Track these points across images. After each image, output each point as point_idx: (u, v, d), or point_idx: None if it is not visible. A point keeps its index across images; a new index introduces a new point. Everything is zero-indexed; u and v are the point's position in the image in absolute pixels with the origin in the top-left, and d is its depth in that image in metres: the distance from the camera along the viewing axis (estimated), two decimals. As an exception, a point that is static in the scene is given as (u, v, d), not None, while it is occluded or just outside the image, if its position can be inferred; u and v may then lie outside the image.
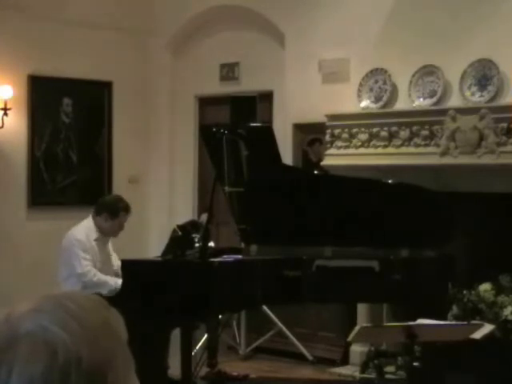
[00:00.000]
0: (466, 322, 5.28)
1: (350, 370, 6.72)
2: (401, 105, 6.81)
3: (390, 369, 6.23)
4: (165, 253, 5.76)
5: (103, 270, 5.96)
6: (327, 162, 7.04)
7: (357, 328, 4.43)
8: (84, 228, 5.99)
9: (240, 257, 5.75)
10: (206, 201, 7.21)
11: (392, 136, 6.66)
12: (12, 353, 0.94)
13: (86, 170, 8.49)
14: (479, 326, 4.72)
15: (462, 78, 6.36)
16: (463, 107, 6.30)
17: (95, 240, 5.97)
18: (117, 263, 5.98)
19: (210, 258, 5.50)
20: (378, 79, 6.91)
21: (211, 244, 5.82)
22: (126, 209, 6.05)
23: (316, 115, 7.17)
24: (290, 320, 7.13)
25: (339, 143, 6.98)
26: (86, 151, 8.50)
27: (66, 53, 8.21)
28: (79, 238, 5.88)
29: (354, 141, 6.88)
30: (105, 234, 6.03)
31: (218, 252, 5.75)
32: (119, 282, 5.80)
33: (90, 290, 5.62)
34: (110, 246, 6.19)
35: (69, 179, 8.39)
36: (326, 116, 7.06)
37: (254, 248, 5.77)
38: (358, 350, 6.81)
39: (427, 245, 5.67)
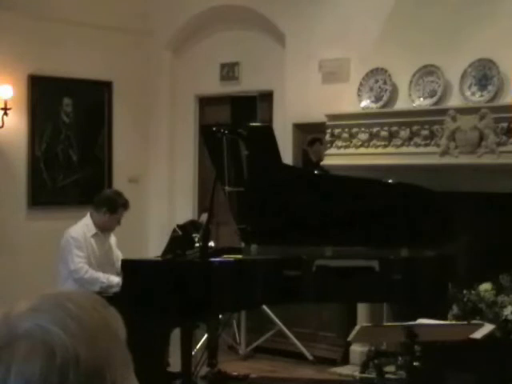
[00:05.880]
0: (465, 322, 5.28)
1: (349, 370, 6.71)
2: (401, 105, 6.80)
3: (389, 369, 6.23)
4: (165, 253, 5.76)
5: (101, 265, 5.97)
6: (327, 161, 7.04)
7: (357, 328, 4.44)
8: (81, 225, 6.03)
9: (240, 257, 5.75)
10: (206, 201, 7.20)
11: (392, 136, 6.66)
12: (10, 352, 0.94)
13: (86, 170, 8.49)
14: (479, 326, 4.72)
15: (462, 77, 6.36)
16: (463, 107, 6.30)
17: (93, 236, 5.99)
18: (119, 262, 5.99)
19: (210, 258, 5.50)
20: (378, 79, 6.90)
21: (211, 244, 5.83)
22: (125, 205, 6.10)
23: (316, 115, 7.17)
24: (289, 320, 7.12)
25: (339, 143, 6.98)
26: (86, 151, 8.49)
27: (66, 53, 8.20)
28: (74, 236, 5.92)
29: (354, 141, 6.88)
30: (101, 229, 6.04)
31: (218, 252, 5.75)
32: (111, 278, 5.81)
33: (82, 286, 5.64)
34: (112, 242, 6.19)
35: (69, 179, 8.39)
36: (326, 116, 7.06)
37: (254, 248, 5.77)
38: (358, 349, 6.81)
39: (427, 245, 5.67)
